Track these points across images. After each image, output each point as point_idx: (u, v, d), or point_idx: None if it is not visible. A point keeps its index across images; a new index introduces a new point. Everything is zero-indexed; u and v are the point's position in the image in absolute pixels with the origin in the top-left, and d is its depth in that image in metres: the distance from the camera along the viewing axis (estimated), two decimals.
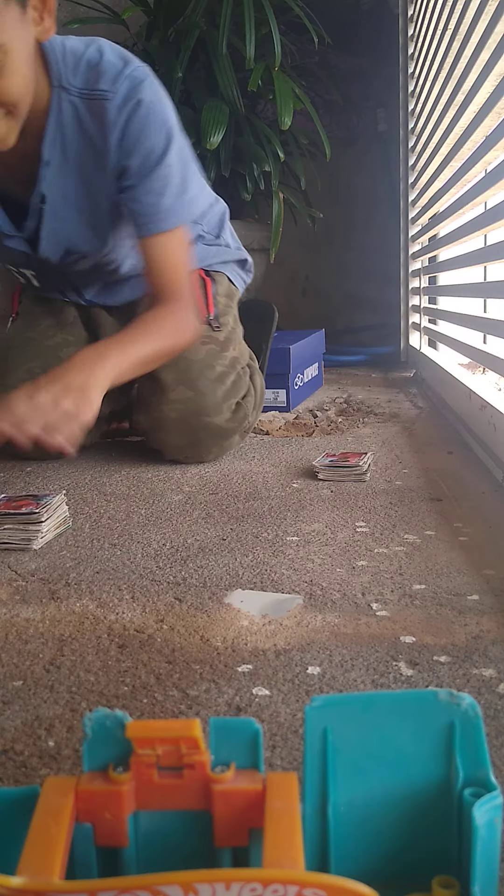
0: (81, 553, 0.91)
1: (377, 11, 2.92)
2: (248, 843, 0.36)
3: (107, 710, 0.37)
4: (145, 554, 0.90)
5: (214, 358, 1.30)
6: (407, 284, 2.75)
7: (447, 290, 2.17)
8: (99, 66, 1.09)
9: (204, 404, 1.25)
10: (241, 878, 0.30)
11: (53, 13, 1.00)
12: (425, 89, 2.25)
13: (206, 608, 0.75)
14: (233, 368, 1.32)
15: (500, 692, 0.58)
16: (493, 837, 0.36)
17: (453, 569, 0.83)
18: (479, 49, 1.42)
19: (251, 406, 1.34)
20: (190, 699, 0.59)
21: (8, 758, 0.52)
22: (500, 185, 1.35)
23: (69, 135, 1.12)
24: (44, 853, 0.32)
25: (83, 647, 0.68)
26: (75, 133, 1.12)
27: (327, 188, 2.89)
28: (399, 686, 0.60)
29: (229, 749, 0.37)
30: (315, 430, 1.59)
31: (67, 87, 1.09)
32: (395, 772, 0.38)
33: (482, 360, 1.54)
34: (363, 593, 0.77)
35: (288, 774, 0.37)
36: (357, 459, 1.21)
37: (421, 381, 2.27)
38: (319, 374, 2.20)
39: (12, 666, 0.65)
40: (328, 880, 0.29)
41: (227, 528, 0.98)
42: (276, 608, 0.74)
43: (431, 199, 2.18)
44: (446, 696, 0.37)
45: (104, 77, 1.09)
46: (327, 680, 0.61)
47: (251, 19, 2.18)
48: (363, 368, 2.71)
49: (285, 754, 0.52)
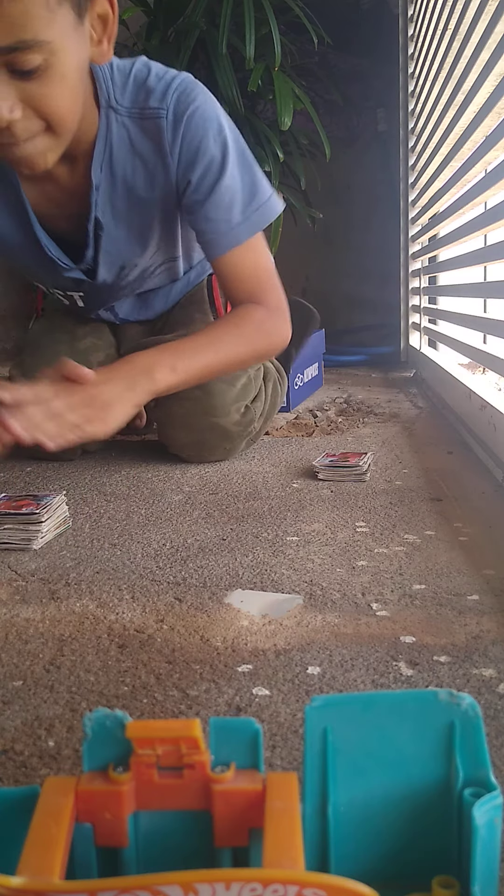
0: (81, 553, 0.91)
1: (377, 11, 2.93)
2: (248, 843, 0.36)
3: (107, 710, 0.37)
4: (145, 554, 0.90)
5: None
6: (407, 284, 2.75)
7: (447, 290, 2.17)
8: (147, 84, 1.05)
9: (212, 404, 1.25)
10: (241, 878, 0.30)
11: (113, 40, 0.95)
12: (425, 89, 2.25)
13: (206, 608, 0.75)
14: (244, 372, 1.31)
15: (500, 692, 0.58)
16: (493, 837, 0.36)
17: (453, 569, 0.83)
18: (479, 49, 1.42)
19: (258, 412, 1.33)
20: (190, 699, 0.59)
21: (8, 758, 0.52)
22: (500, 185, 1.35)
23: (118, 155, 1.08)
24: (44, 853, 0.32)
25: (83, 647, 0.68)
26: (126, 153, 1.08)
27: (327, 188, 2.89)
28: (399, 686, 0.60)
29: (229, 749, 0.37)
30: (315, 430, 1.59)
31: (116, 107, 1.05)
32: (395, 772, 0.38)
33: (482, 360, 1.54)
34: (363, 593, 0.77)
35: (288, 774, 0.37)
36: (357, 459, 1.21)
37: (421, 381, 2.27)
38: (319, 374, 2.20)
39: (12, 666, 0.65)
40: (328, 880, 0.29)
41: (227, 528, 0.98)
42: (276, 608, 0.74)
43: (431, 199, 2.18)
44: (446, 696, 0.37)
45: (154, 94, 1.05)
46: (327, 680, 0.61)
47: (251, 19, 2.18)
48: (363, 368, 2.71)
49: (285, 754, 0.52)
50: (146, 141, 1.07)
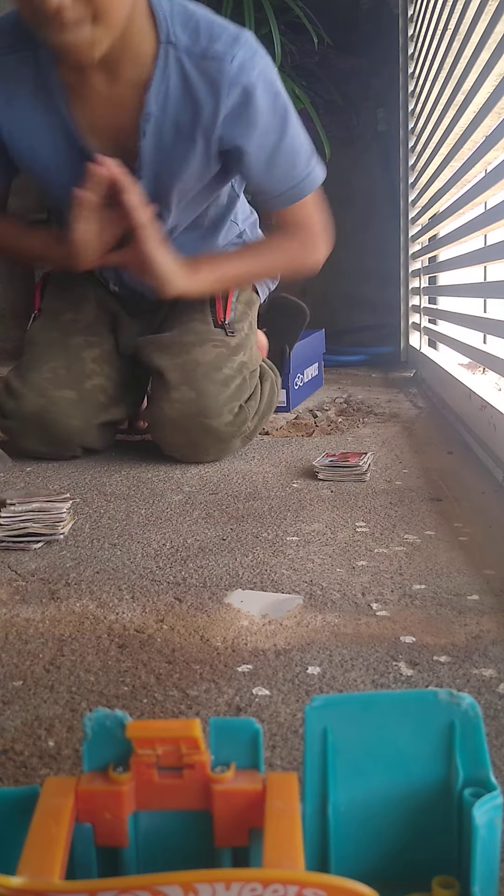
0: (81, 553, 0.91)
1: (377, 11, 2.92)
2: (248, 843, 0.36)
3: (107, 710, 0.37)
4: (145, 554, 0.90)
5: (222, 361, 1.30)
6: (407, 284, 2.75)
7: (447, 290, 2.17)
8: (213, 28, 1.09)
9: (205, 406, 1.25)
10: (241, 878, 0.30)
11: None
12: (425, 89, 2.25)
13: (206, 608, 0.75)
14: (239, 373, 1.31)
15: (500, 692, 0.58)
16: (493, 837, 0.36)
17: (453, 569, 0.83)
18: (479, 49, 1.42)
19: (252, 411, 1.33)
20: (190, 699, 0.59)
21: (8, 758, 0.53)
22: (500, 185, 1.35)
23: (173, 90, 1.11)
24: (44, 853, 0.32)
25: (83, 647, 0.68)
26: (181, 90, 1.11)
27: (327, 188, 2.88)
28: (399, 686, 0.60)
29: (229, 749, 0.37)
30: (315, 430, 1.59)
31: (175, 42, 1.08)
32: (395, 772, 0.38)
33: (482, 360, 1.54)
34: (363, 593, 0.77)
35: (288, 774, 0.37)
36: (357, 459, 1.21)
37: (421, 381, 2.27)
38: (319, 374, 2.20)
39: (12, 666, 0.65)
40: (328, 880, 0.29)
41: (227, 528, 0.98)
42: (276, 608, 0.74)
43: (431, 199, 2.18)
44: (446, 696, 0.37)
45: (221, 39, 1.08)
46: (327, 680, 0.61)
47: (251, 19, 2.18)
48: (363, 368, 2.71)
49: (285, 754, 0.52)
50: (203, 82, 1.10)
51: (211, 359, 1.29)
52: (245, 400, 1.31)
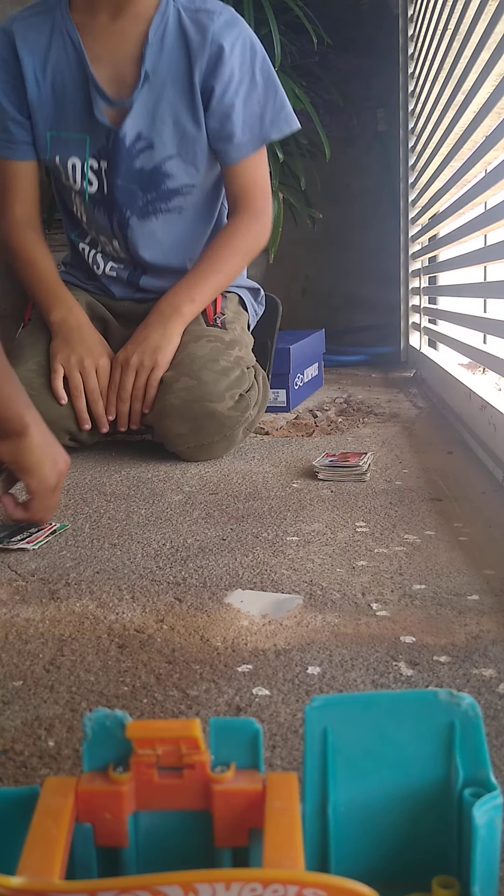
0: (81, 553, 0.91)
1: (377, 11, 2.92)
2: (248, 843, 0.36)
3: (107, 710, 0.37)
4: (145, 554, 0.90)
5: (219, 354, 1.32)
6: (407, 284, 2.75)
7: (447, 290, 2.17)
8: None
9: (206, 391, 1.27)
10: (241, 878, 0.30)
11: None
12: (425, 89, 2.25)
13: (206, 608, 0.75)
14: (237, 365, 1.34)
15: (500, 692, 0.58)
16: (493, 837, 0.36)
17: (453, 569, 0.83)
18: (479, 49, 1.42)
19: (254, 400, 1.35)
20: (190, 699, 0.59)
21: (8, 758, 0.53)
22: (500, 185, 1.35)
23: (171, 32, 1.32)
24: (44, 853, 0.32)
25: (83, 647, 0.68)
26: (177, 34, 1.32)
27: (327, 188, 2.88)
28: (399, 686, 0.60)
29: (229, 749, 0.37)
30: (315, 430, 1.59)
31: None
32: (394, 772, 0.38)
33: (482, 360, 1.54)
34: (363, 593, 0.77)
35: (288, 774, 0.37)
36: (357, 459, 1.21)
37: (421, 381, 2.27)
38: (319, 374, 2.20)
39: (12, 666, 0.65)
40: (328, 880, 0.29)
41: (227, 528, 0.98)
42: (276, 608, 0.74)
43: (431, 199, 2.18)
44: (446, 696, 0.37)
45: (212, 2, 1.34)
46: (327, 680, 0.61)
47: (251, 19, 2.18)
48: (363, 368, 2.71)
49: (285, 754, 0.52)
50: (195, 32, 1.32)
51: (207, 352, 1.32)
52: (245, 390, 1.33)
